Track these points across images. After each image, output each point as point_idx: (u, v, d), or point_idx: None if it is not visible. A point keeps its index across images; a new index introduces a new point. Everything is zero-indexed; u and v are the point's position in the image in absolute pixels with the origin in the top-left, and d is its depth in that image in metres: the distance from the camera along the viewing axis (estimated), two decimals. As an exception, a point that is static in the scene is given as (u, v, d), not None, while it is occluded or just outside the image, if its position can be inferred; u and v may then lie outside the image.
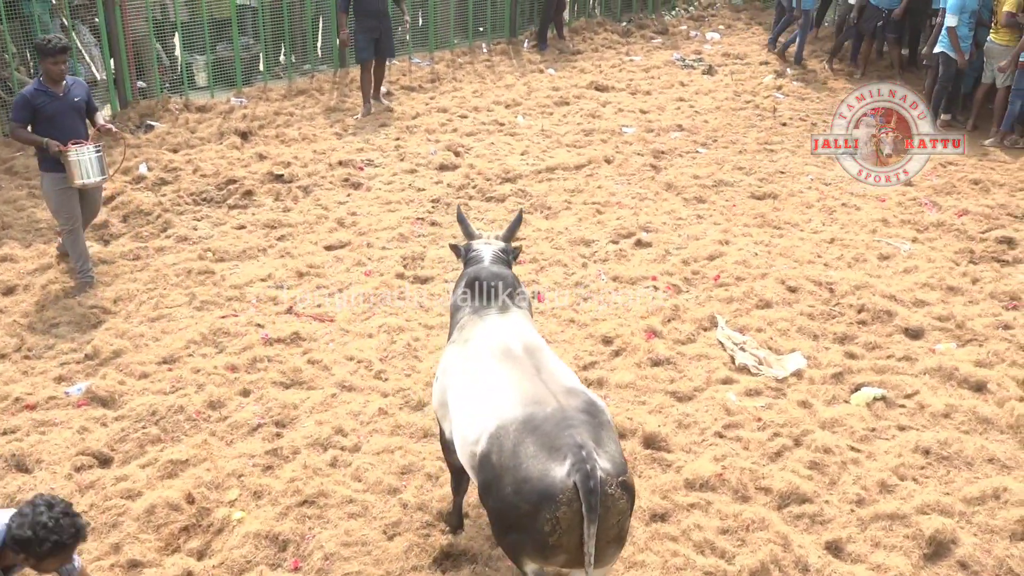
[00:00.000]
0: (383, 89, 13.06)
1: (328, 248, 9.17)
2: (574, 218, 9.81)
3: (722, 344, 7.66)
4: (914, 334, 7.85)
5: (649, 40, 16.25)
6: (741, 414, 6.78)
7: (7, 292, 8.24)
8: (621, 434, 6.35)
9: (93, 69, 12.11)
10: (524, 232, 9.25)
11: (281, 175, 10.52)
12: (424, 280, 8.62)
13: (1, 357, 7.33)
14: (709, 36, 16.63)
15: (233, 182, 10.28)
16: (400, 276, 8.64)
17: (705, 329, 7.89)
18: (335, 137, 11.70)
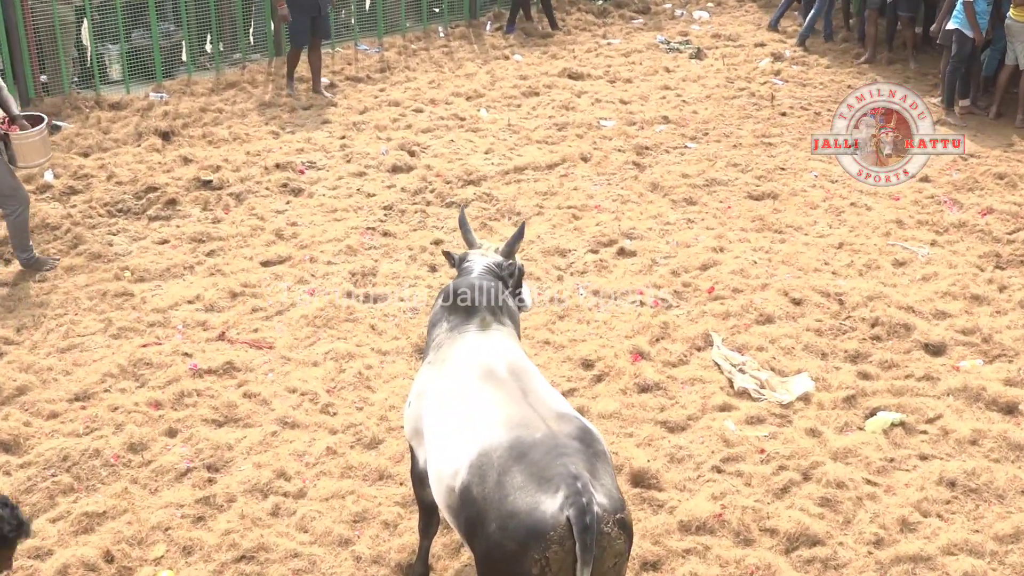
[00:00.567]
0: (324, 81, 13.07)
1: (265, 264, 9.15)
2: (547, 225, 9.85)
3: (718, 366, 7.70)
4: (935, 350, 7.93)
5: (629, 21, 16.38)
6: (741, 445, 6.82)
7: None
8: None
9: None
10: (490, 243, 9.26)
11: (209, 181, 10.49)
12: (376, 299, 8.62)
13: None
14: (697, 15, 16.80)
15: (154, 190, 10.23)
16: (349, 295, 8.63)
17: (699, 349, 7.94)
18: (271, 136, 11.69)
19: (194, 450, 6.74)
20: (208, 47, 13.74)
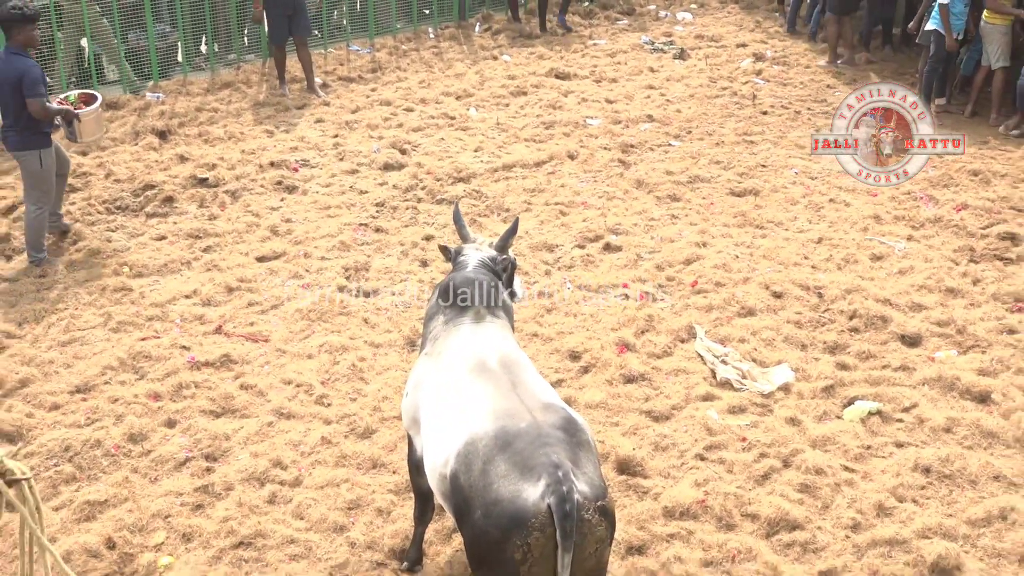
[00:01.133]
0: (317, 80, 13.08)
1: (260, 259, 9.17)
2: (535, 221, 9.88)
3: (701, 357, 7.75)
4: (911, 341, 7.98)
5: (614, 22, 16.42)
6: (724, 434, 6.86)
7: None
8: (592, 459, 6.41)
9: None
10: (484, 237, 9.29)
11: (205, 179, 10.50)
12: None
13: None
14: (680, 16, 16.84)
15: (151, 187, 10.24)
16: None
17: (682, 341, 7.98)
18: (266, 135, 11.70)
19: (193, 440, 6.76)
20: (203, 48, 13.73)
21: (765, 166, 11.27)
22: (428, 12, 15.74)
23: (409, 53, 14.63)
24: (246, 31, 14.03)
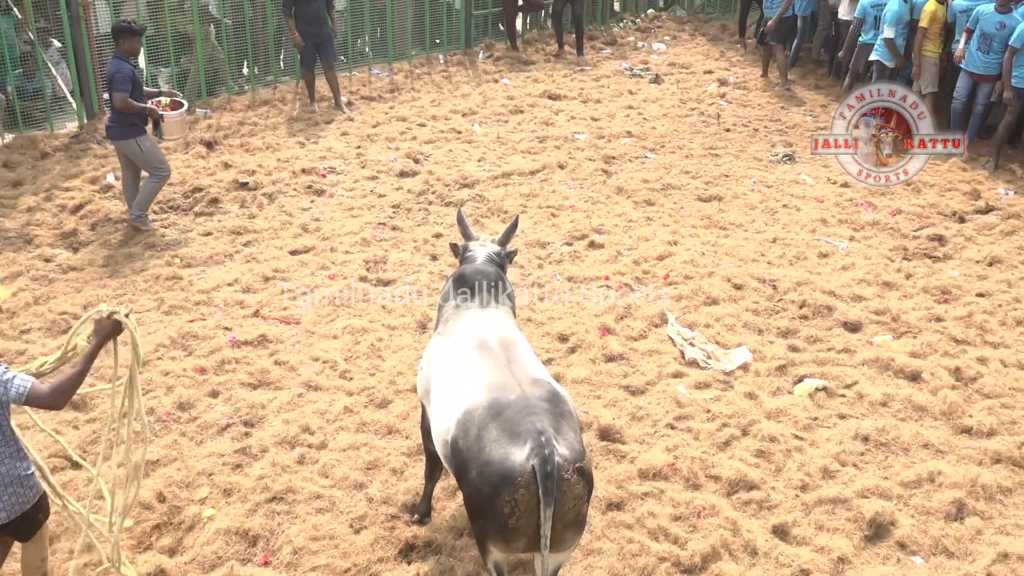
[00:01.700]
0: (343, 99, 13.00)
1: (293, 253, 9.10)
2: (530, 221, 9.83)
3: (672, 340, 7.71)
4: (853, 327, 7.96)
5: (599, 51, 16.31)
6: (691, 406, 6.84)
7: (-23, 300, 8.10)
8: (577, 427, 6.38)
9: (60, 82, 11.94)
10: (485, 235, 9.24)
11: (246, 183, 10.43)
12: (386, 283, 8.59)
13: (-28, 363, 7.19)
14: (656, 47, 16.72)
15: (199, 190, 10.17)
16: (363, 279, 8.61)
17: (656, 326, 7.95)
18: (298, 146, 11.62)
19: (233, 408, 6.73)
20: (245, 70, 13.64)
21: (728, 176, 11.21)
22: (439, 41, 15.64)
23: (422, 76, 14.53)
24: (282, 56, 13.93)
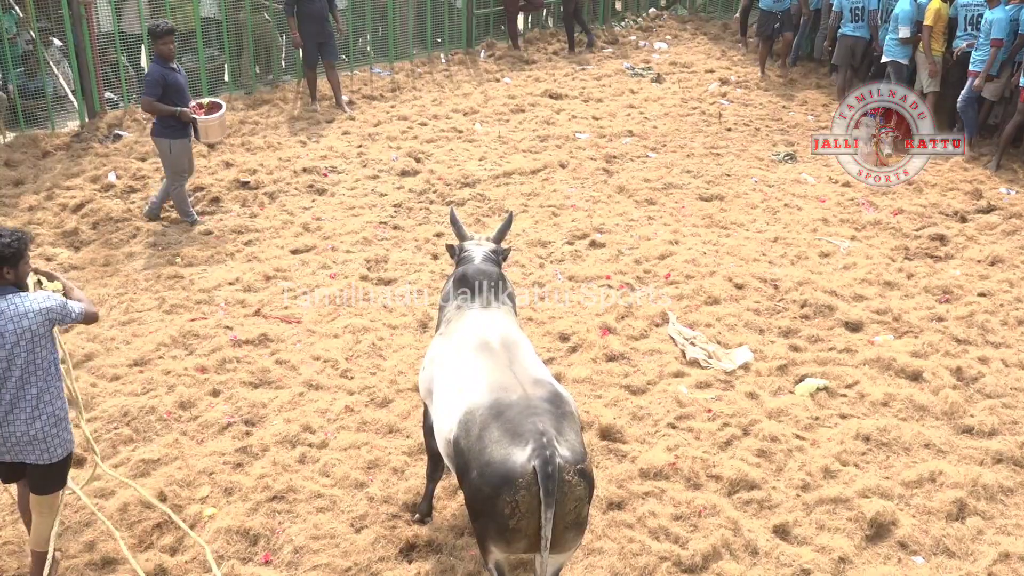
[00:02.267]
0: (345, 98, 13.00)
1: (294, 252, 9.10)
2: (531, 220, 9.82)
3: (673, 339, 7.70)
4: (854, 327, 7.95)
5: (600, 50, 16.31)
6: (692, 406, 6.83)
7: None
8: (578, 427, 6.37)
9: (61, 80, 11.93)
10: (479, 234, 9.24)
11: (247, 182, 10.43)
12: (387, 282, 8.59)
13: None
14: (657, 46, 16.71)
15: (200, 189, 10.17)
16: (364, 278, 8.60)
17: (657, 325, 7.94)
18: (299, 145, 11.62)
19: (234, 407, 6.72)
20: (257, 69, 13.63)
21: (729, 175, 11.20)
22: (440, 40, 15.63)
23: (423, 75, 14.53)
24: (283, 56, 13.93)
